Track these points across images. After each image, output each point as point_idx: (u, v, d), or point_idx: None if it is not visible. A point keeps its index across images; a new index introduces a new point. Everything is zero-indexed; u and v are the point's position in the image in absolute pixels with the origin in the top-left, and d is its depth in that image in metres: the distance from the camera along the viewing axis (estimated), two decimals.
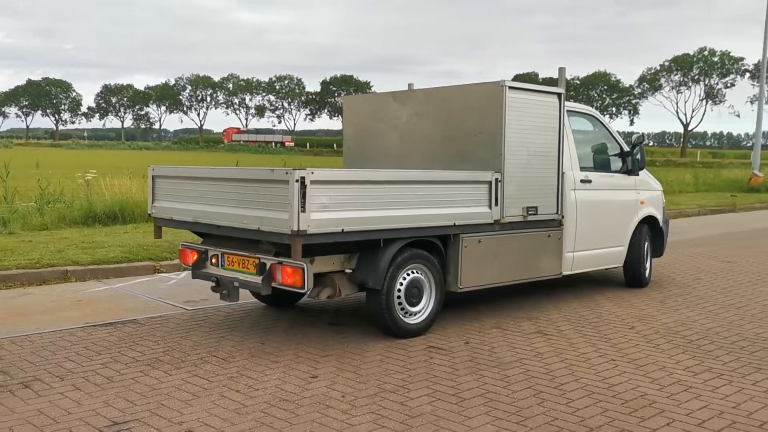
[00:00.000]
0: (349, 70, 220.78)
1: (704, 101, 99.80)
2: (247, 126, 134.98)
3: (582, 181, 7.83)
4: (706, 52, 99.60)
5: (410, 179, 6.14)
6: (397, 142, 7.78)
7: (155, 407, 4.55)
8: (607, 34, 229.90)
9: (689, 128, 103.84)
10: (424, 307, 6.39)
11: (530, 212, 7.09)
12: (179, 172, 6.69)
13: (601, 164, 8.42)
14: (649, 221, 8.80)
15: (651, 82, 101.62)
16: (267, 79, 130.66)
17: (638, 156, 8.48)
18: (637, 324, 6.88)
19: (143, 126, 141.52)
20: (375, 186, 5.86)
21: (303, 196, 5.31)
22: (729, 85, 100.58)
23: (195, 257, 6.68)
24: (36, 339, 6.20)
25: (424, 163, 7.40)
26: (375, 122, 8.01)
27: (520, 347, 6.01)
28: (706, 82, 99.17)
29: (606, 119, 8.74)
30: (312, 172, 5.38)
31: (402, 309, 6.21)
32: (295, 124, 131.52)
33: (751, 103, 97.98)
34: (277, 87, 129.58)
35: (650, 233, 8.89)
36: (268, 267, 5.88)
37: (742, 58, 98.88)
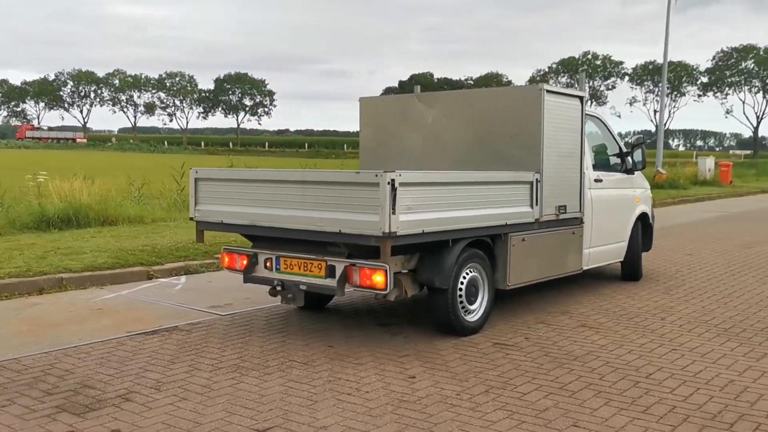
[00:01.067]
0: (239, 68, 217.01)
1: (589, 102, 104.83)
2: (135, 124, 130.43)
3: (595, 180, 8.21)
4: (590, 56, 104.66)
5: (479, 180, 6.29)
6: (421, 143, 7.88)
7: (283, 413, 4.50)
8: (489, 36, 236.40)
9: None
10: (480, 305, 6.54)
11: (561, 211, 7.39)
12: (234, 175, 6.56)
13: (605, 164, 8.85)
14: (641, 217, 9.32)
15: (540, 82, 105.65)
16: (156, 76, 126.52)
17: (638, 156, 8.95)
18: (665, 315, 7.30)
19: (19, 123, 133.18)
20: (451, 187, 5.97)
21: (393, 198, 5.35)
22: (610, 87, 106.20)
23: (245, 261, 6.55)
24: (89, 350, 5.93)
25: (452, 164, 7.53)
26: (397, 123, 8.08)
27: (580, 340, 6.28)
28: (590, 84, 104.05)
29: (608, 120, 9.18)
30: (400, 174, 5.43)
31: (463, 307, 6.34)
32: (187, 122, 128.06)
33: (630, 104, 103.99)
34: (168, 84, 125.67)
35: (641, 228, 9.41)
36: (341, 269, 5.87)
37: (621, 62, 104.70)
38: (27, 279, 8.36)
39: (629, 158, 8.94)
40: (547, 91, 7.07)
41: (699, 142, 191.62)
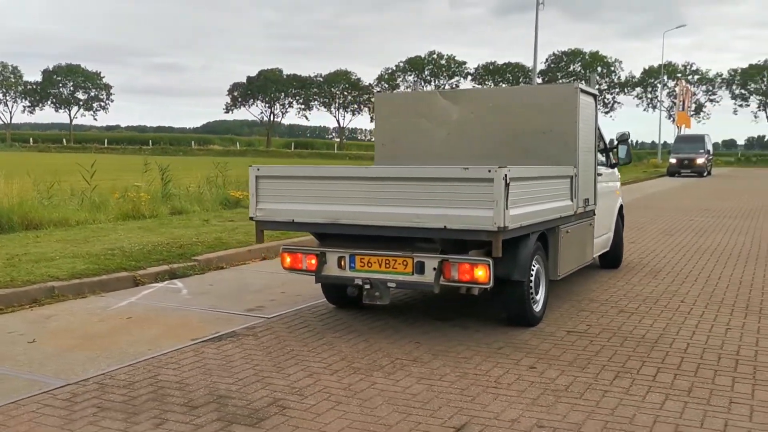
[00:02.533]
0: (62, 59, 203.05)
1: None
2: None
3: (598, 174, 8.71)
4: (435, 55, 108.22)
5: (553, 174, 6.52)
6: (445, 139, 7.99)
7: (457, 410, 4.50)
8: (330, 34, 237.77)
9: None
10: (541, 296, 6.77)
11: (586, 204, 7.79)
12: (312, 172, 6.34)
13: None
14: (619, 209, 9.97)
15: (389, 81, 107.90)
16: None
17: (623, 152, 9.55)
18: (684, 298, 7.89)
19: None
20: (539, 182, 6.16)
21: (507, 193, 5.46)
22: (454, 86, 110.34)
23: (313, 261, 6.38)
24: (172, 360, 5.56)
25: (479, 159, 7.67)
26: (417, 119, 8.12)
27: (641, 325, 6.67)
28: (436, 82, 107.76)
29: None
30: (509, 169, 5.54)
31: (531, 299, 6.55)
32: (11, 117, 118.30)
33: None
34: None
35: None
36: (435, 265, 5.88)
37: (464, 62, 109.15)
38: (18, 289, 7.60)
39: (613, 153, 9.52)
40: (581, 89, 7.42)
41: None
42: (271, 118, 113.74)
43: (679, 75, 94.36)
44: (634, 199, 23.07)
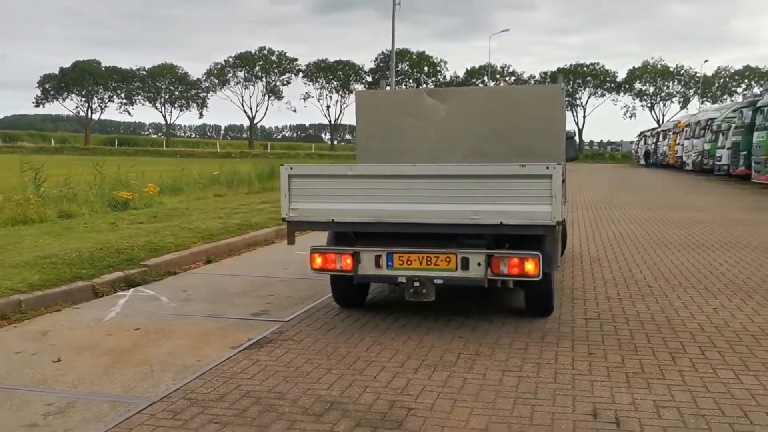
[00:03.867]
0: None
1: (267, 97, 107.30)
2: None
3: None
4: (265, 51, 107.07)
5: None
6: (433, 137, 8.11)
7: (589, 396, 4.70)
8: (142, 24, 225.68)
9: (255, 121, 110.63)
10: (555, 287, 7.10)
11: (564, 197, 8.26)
12: (356, 170, 6.23)
13: None
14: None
15: (218, 76, 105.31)
16: None
17: (570, 149, 10.14)
18: (645, 282, 8.58)
19: None
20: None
21: (563, 189, 5.74)
22: (286, 82, 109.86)
23: (349, 261, 6.29)
24: (235, 370, 5.30)
25: (468, 157, 7.88)
26: (401, 117, 8.19)
27: (639, 308, 7.19)
28: (267, 79, 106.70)
29: None
30: (556, 167, 5.81)
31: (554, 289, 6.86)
32: None
33: (305, 99, 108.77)
34: None
35: None
36: (482, 260, 6.02)
37: (296, 59, 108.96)
38: None
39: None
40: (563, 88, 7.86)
41: (348, 136, 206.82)
42: (89, 113, 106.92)
43: (498, 76, 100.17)
44: None
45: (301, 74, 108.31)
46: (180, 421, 4.30)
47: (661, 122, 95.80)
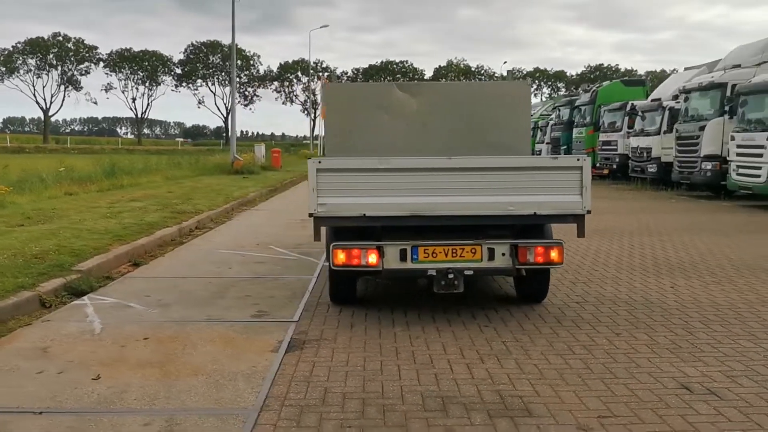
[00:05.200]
0: None
1: (63, 87, 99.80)
2: None
3: None
4: (60, 38, 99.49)
5: None
6: (405, 131, 8.15)
7: (658, 372, 5.05)
8: None
9: (50, 114, 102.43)
10: None
11: None
12: (388, 164, 6.09)
13: None
14: None
15: (5, 64, 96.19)
16: None
17: None
18: (602, 267, 9.22)
19: None
20: None
21: (589, 179, 6.09)
22: (84, 72, 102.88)
23: (375, 256, 6.22)
24: (300, 376, 5.09)
25: (442, 151, 7.98)
26: (371, 111, 8.16)
27: (612, 291, 7.75)
28: (64, 68, 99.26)
29: None
30: (586, 158, 6.16)
31: None
32: None
33: (106, 91, 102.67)
34: None
35: None
36: (507, 250, 6.21)
37: (96, 47, 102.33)
38: None
39: None
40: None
41: (146, 130, 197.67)
42: None
43: (312, 71, 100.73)
44: None
45: (102, 64, 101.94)
46: (311, 429, 4.08)
47: None
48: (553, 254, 6.23)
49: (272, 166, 36.40)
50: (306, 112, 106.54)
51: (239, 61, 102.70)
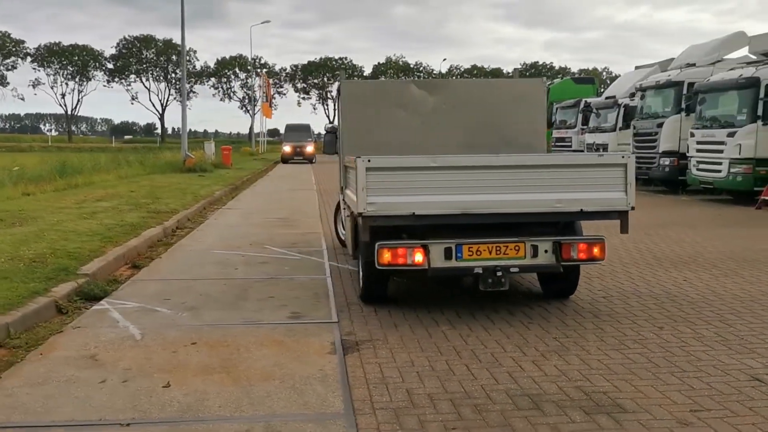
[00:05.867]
0: None
1: None
2: None
3: None
4: None
5: None
6: (421, 128, 8.15)
7: (717, 363, 5.18)
8: None
9: None
10: None
11: None
12: (440, 162, 6.05)
13: None
14: None
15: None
16: None
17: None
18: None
19: None
20: None
21: (633, 176, 6.21)
22: (11, 67, 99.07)
23: (421, 254, 6.19)
24: (380, 375, 5.04)
25: (458, 148, 8.06)
26: (389, 108, 8.13)
27: (631, 285, 7.92)
28: None
29: None
30: (630, 156, 6.25)
31: None
32: None
33: (34, 86, 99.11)
34: None
35: None
36: (551, 247, 6.26)
37: (23, 41, 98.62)
38: None
39: None
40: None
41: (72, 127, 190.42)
42: None
43: (250, 68, 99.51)
44: (322, 183, 24.52)
45: (29, 58, 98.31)
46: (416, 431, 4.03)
47: None
48: (596, 250, 6.32)
49: (223, 163, 35.74)
50: (245, 108, 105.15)
51: (174, 57, 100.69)
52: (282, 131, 59.91)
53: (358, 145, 8.04)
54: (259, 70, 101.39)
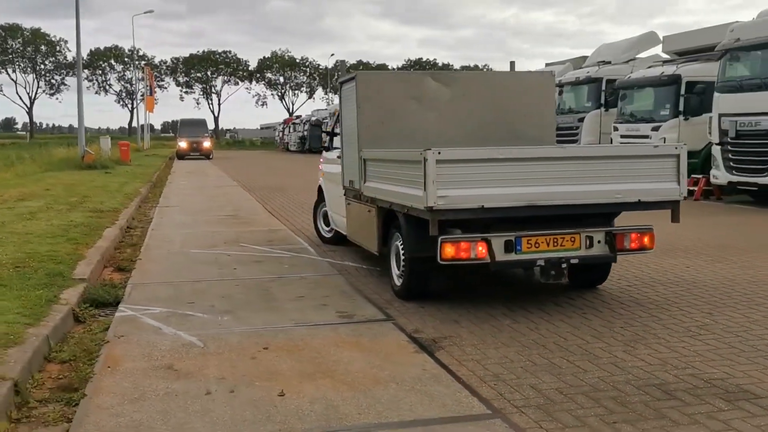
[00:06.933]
0: None
1: None
2: None
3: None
4: None
5: None
6: (437, 121, 8.02)
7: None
8: None
9: None
10: None
11: None
12: (507, 153, 5.94)
13: None
14: None
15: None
16: None
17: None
18: None
19: None
20: None
21: (685, 167, 6.37)
22: None
23: (484, 248, 6.10)
24: (492, 372, 4.92)
25: (472, 141, 7.99)
26: (405, 101, 7.95)
27: (652, 271, 8.15)
28: None
29: None
30: (683, 147, 6.40)
31: None
32: None
33: None
34: None
35: None
36: (604, 237, 6.32)
37: None
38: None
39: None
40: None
41: None
42: None
43: (127, 60, 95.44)
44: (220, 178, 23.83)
45: None
46: (579, 428, 3.95)
47: (291, 111, 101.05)
48: (646, 240, 6.44)
49: (122, 160, 34.02)
50: (122, 102, 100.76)
51: (44, 47, 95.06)
52: (158, 127, 57.78)
53: (376, 138, 7.81)
54: (138, 63, 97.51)
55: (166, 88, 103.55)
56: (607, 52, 22.51)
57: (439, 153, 5.78)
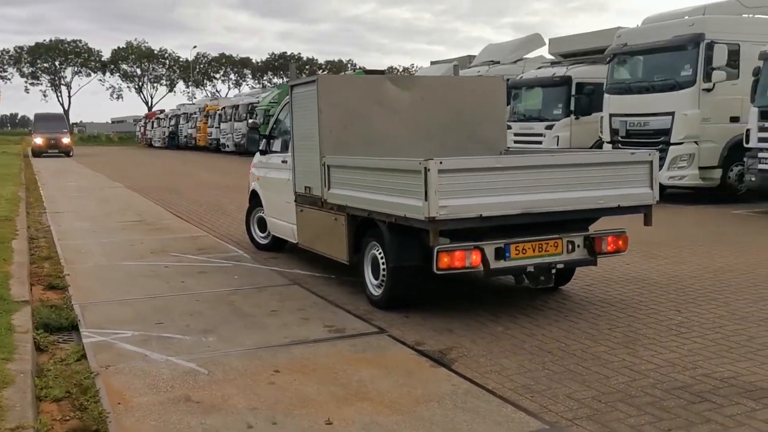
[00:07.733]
0: None
1: None
2: None
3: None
4: None
5: None
6: (398, 126, 7.92)
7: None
8: None
9: None
10: None
11: None
12: (504, 162, 5.94)
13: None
14: None
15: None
16: None
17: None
18: None
19: None
20: None
21: (657, 173, 6.68)
22: None
23: (477, 257, 6.12)
24: (533, 380, 4.96)
25: (433, 146, 7.84)
26: (367, 105, 7.82)
27: (623, 271, 8.46)
28: None
29: None
30: (655, 153, 6.70)
31: None
32: None
33: None
34: None
35: None
36: (583, 242, 6.51)
37: None
38: None
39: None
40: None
41: None
42: None
43: None
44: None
45: None
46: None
47: (150, 105, 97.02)
48: (621, 242, 6.69)
49: None
50: None
51: None
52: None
53: (340, 143, 7.61)
54: None
55: (9, 79, 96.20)
56: (494, 53, 23.21)
57: (441, 163, 5.71)
